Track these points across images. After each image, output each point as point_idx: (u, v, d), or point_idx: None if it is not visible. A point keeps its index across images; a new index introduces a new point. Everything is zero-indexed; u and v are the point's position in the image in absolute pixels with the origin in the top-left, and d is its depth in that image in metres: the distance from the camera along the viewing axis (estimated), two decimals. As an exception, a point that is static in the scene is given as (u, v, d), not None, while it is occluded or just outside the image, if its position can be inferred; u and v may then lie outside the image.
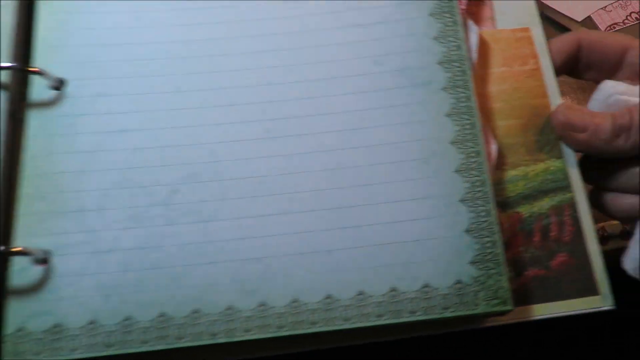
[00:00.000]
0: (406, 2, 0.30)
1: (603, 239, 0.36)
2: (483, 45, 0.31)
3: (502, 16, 0.32)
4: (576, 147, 0.29)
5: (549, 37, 0.32)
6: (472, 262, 0.26)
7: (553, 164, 0.29)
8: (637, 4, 0.53)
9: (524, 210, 0.28)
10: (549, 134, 0.29)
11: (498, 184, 0.28)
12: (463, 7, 0.30)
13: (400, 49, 0.30)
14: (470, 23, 0.31)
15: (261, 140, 0.28)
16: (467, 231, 0.26)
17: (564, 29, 0.52)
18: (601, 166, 0.30)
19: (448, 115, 0.28)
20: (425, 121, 0.28)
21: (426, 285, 0.25)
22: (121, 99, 0.29)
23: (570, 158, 0.29)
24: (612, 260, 0.28)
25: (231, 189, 0.27)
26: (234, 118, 0.29)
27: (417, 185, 0.27)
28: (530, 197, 0.29)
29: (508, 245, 0.28)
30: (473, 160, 0.27)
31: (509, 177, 0.29)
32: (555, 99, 0.30)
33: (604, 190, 0.30)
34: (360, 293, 0.25)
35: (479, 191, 0.27)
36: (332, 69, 0.29)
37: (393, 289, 0.25)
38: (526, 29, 0.32)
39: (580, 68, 0.32)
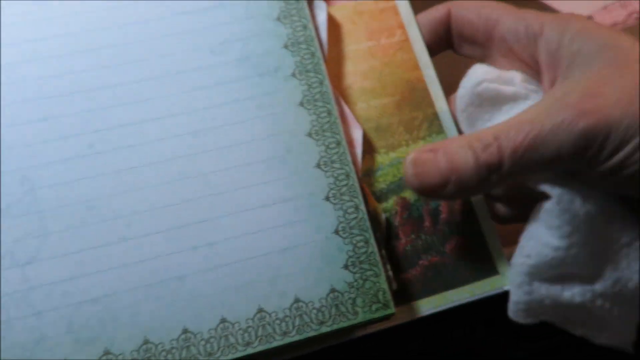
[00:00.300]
0: (241, -19, 0.27)
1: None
2: (346, 21, 0.28)
3: None
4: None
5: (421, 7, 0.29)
6: (345, 266, 0.23)
7: (434, 140, 0.27)
8: (637, 4, 0.53)
9: (410, 194, 0.26)
10: (426, 108, 0.27)
11: (374, 171, 0.26)
12: (306, -18, 0.28)
13: (240, 34, 0.26)
14: (318, 1, 0.28)
15: (84, 157, 0.24)
16: (336, 232, 0.23)
17: None
18: None
19: (301, 104, 0.25)
20: (277, 114, 0.25)
21: (297, 301, 0.22)
22: None
23: (452, 132, 0.27)
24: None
25: (52, 221, 0.23)
26: (48, 135, 0.24)
27: (275, 188, 0.24)
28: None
29: (398, 236, 0.25)
30: (334, 151, 0.25)
31: (389, 160, 0.26)
32: (428, 70, 0.28)
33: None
34: (223, 321, 0.22)
35: (344, 185, 0.24)
36: (165, 64, 0.25)
37: (260, 310, 0.22)
38: None
39: (454, 43, 0.29)
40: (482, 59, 0.28)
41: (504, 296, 0.24)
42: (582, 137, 0.21)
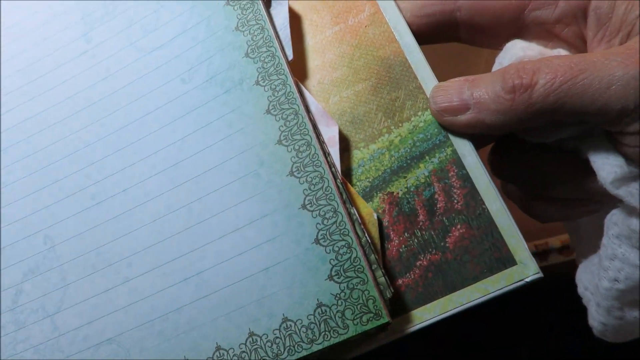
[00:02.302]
0: (199, 1, 0.27)
1: (543, 253, 0.31)
2: (309, 9, 0.27)
3: None
4: (468, 132, 0.23)
5: None
6: (330, 277, 0.22)
7: (421, 118, 0.24)
8: (637, 4, 0.47)
9: (397, 187, 0.24)
10: (408, 83, 0.25)
11: (355, 169, 0.24)
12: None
13: (204, 55, 0.27)
14: (276, -4, 0.27)
15: (89, 209, 0.26)
16: (316, 241, 0.23)
17: None
18: (514, 162, 0.25)
19: (267, 111, 0.25)
20: (244, 128, 0.25)
21: (286, 320, 0.22)
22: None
23: None
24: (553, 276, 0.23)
25: (70, 272, 0.26)
26: (60, 195, 0.27)
27: (251, 205, 0.24)
28: (401, 169, 0.24)
29: (389, 237, 0.23)
30: (305, 154, 0.24)
31: (370, 154, 0.25)
32: (406, 39, 0.25)
33: (520, 190, 0.25)
34: (218, 349, 0.23)
35: (320, 189, 0.23)
36: (143, 105, 0.27)
37: (252, 334, 0.23)
38: (353, -27, 0.27)
39: (462, 33, 0.26)
40: (501, 47, 0.25)
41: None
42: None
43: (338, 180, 0.23)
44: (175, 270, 0.24)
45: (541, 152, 0.23)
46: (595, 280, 0.22)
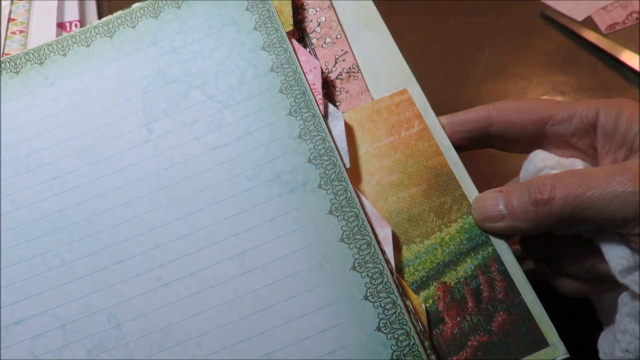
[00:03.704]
0: (264, 108, 0.32)
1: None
2: (365, 121, 0.33)
3: (376, 85, 0.34)
4: (504, 234, 0.30)
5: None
6: (391, 360, 0.27)
7: (465, 221, 0.30)
8: (637, 4, 0.56)
9: (450, 278, 0.29)
10: (453, 191, 0.31)
11: (413, 260, 0.30)
12: (320, 96, 0.32)
13: (268, 157, 0.31)
14: (333, 110, 0.32)
15: (156, 290, 0.29)
16: (378, 329, 0.27)
17: (564, 29, 0.55)
18: (541, 245, 0.31)
19: (330, 212, 0.30)
20: (309, 225, 0.30)
21: (349, 396, 0.27)
22: (10, 288, 0.30)
23: None
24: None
25: (137, 350, 0.28)
26: (125, 275, 0.30)
27: (316, 294, 0.28)
28: (452, 262, 0.30)
29: (444, 320, 0.29)
30: (366, 252, 0.29)
31: (425, 248, 0.30)
32: (451, 153, 0.31)
33: (548, 268, 0.31)
34: (287, 422, 0.26)
35: (380, 283, 0.28)
36: (209, 196, 0.31)
37: (318, 409, 0.27)
38: (404, 91, 0.33)
39: (494, 142, 0.33)
40: (530, 152, 0.32)
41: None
42: (636, 206, 0.24)
43: (394, 275, 0.28)
44: (244, 351, 0.28)
45: (563, 239, 0.30)
46: (611, 349, 0.28)
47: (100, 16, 0.55)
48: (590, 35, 0.54)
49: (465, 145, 0.33)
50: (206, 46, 0.34)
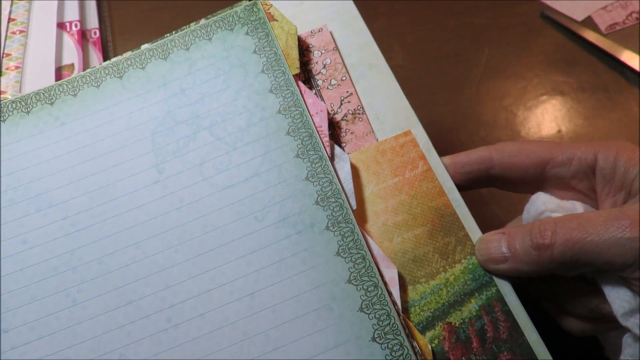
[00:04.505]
0: (271, 150, 0.34)
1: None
2: (371, 162, 0.34)
3: (380, 125, 0.35)
4: (506, 276, 0.31)
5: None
6: (396, 399, 0.28)
7: (469, 262, 0.32)
8: (637, 4, 0.57)
9: (455, 318, 0.30)
10: (457, 232, 0.32)
11: (419, 301, 0.31)
12: (326, 138, 0.34)
13: (276, 198, 0.33)
14: (339, 152, 0.34)
15: (166, 330, 0.31)
16: (385, 367, 0.29)
17: (564, 29, 0.56)
18: (546, 286, 0.32)
19: (337, 254, 0.31)
20: (317, 266, 0.31)
21: None
22: (22, 329, 0.31)
23: None
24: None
25: (148, 391, 0.29)
26: (135, 316, 0.31)
27: (326, 335, 0.29)
28: (456, 302, 0.31)
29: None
30: (373, 294, 0.30)
31: (431, 288, 0.31)
32: (454, 194, 0.33)
33: (556, 307, 0.32)
34: None
35: (387, 325, 0.29)
36: (218, 237, 0.32)
37: None
38: (407, 132, 0.35)
39: (496, 182, 0.34)
40: (532, 193, 0.33)
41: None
42: (635, 251, 0.26)
43: (401, 317, 0.29)
44: (254, 391, 0.29)
45: (567, 280, 0.31)
46: None
47: (100, 17, 0.56)
48: (590, 35, 0.55)
49: (468, 185, 0.34)
50: (214, 88, 0.36)
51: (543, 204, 0.31)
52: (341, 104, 0.36)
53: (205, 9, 0.41)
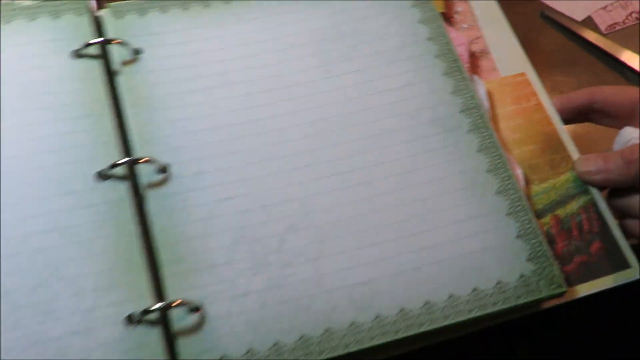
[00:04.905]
0: (422, 67, 0.42)
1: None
2: (495, 91, 0.43)
3: (501, 65, 0.45)
4: (599, 186, 0.40)
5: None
6: (529, 260, 0.36)
7: (572, 175, 0.41)
8: (637, 4, 0.59)
9: (560, 212, 0.40)
10: (562, 151, 0.42)
11: (533, 197, 0.40)
12: (467, 65, 0.43)
13: (428, 104, 0.41)
14: (476, 77, 0.43)
15: (339, 190, 0.38)
16: (518, 237, 0.37)
17: (564, 29, 0.58)
18: (623, 197, 0.41)
19: (479, 151, 0.39)
20: (462, 158, 0.39)
21: (499, 282, 0.36)
22: (218, 173, 0.37)
23: None
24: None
25: (326, 232, 0.36)
26: (313, 176, 0.38)
27: (471, 207, 0.38)
28: (561, 202, 0.40)
29: (556, 241, 0.39)
30: (507, 182, 0.38)
31: (542, 189, 0.40)
32: (559, 125, 0.43)
33: (628, 218, 0.42)
34: (451, 296, 0.35)
35: (518, 205, 0.38)
36: (378, 126, 0.40)
37: (475, 289, 0.35)
38: (523, 74, 0.45)
39: (594, 117, 0.44)
40: (621, 127, 0.43)
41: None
42: None
43: (528, 202, 0.38)
44: (415, 241, 0.36)
45: None
46: None
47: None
48: (590, 35, 0.57)
49: (571, 118, 0.44)
50: (373, 12, 0.44)
51: (629, 134, 0.41)
52: (471, 44, 0.45)
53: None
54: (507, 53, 0.45)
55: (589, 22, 0.58)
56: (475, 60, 0.44)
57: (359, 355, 0.34)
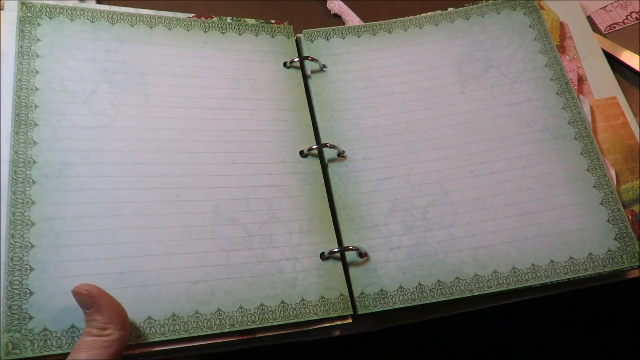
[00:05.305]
0: (540, 87, 0.54)
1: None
2: (591, 110, 0.54)
3: (595, 89, 0.56)
4: None
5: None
6: (615, 239, 0.48)
7: None
8: (637, 4, 0.60)
9: (636, 208, 0.51)
10: None
11: (619, 194, 0.51)
12: (575, 87, 0.54)
13: (541, 115, 0.53)
14: (582, 97, 0.54)
15: (469, 177, 0.51)
16: (608, 221, 0.48)
17: None
18: None
19: (581, 154, 0.51)
20: (567, 158, 0.51)
21: (590, 254, 0.47)
22: (379, 159, 0.51)
23: None
24: None
25: (458, 207, 0.49)
26: (450, 165, 0.51)
27: (571, 197, 0.49)
28: (636, 200, 0.51)
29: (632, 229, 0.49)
30: (602, 179, 0.50)
31: (623, 189, 0.51)
32: None
33: None
34: (552, 262, 0.47)
35: (610, 197, 0.49)
36: (502, 131, 0.52)
37: (571, 258, 0.47)
38: (614, 98, 0.55)
39: None
40: None
41: None
42: None
43: (618, 195, 0.49)
44: (525, 219, 0.49)
45: None
46: None
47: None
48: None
49: None
50: (501, 43, 0.56)
51: None
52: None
53: None
54: (601, 80, 0.56)
55: (588, 22, 0.59)
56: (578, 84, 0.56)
57: (478, 300, 0.47)
